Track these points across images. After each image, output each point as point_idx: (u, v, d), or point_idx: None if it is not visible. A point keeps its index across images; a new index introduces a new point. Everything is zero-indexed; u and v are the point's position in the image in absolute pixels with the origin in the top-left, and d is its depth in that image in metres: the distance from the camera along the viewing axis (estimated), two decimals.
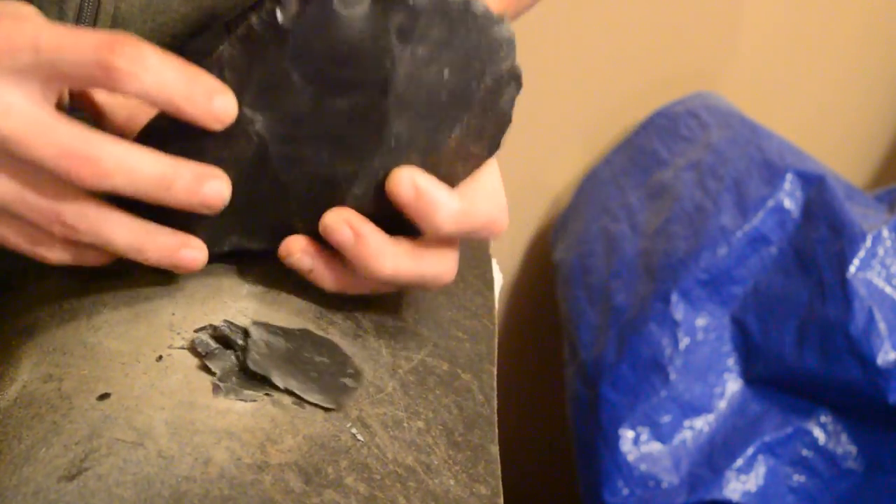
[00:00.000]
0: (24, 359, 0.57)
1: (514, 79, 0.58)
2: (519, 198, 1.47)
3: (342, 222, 0.57)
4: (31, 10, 0.55)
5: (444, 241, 0.59)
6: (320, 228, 0.58)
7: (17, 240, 0.56)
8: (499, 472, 0.61)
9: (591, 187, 1.46)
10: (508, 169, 1.17)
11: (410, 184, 0.57)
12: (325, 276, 0.59)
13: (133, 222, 0.55)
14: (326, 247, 0.59)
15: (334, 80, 0.55)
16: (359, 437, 0.55)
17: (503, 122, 0.59)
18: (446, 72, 0.56)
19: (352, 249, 0.57)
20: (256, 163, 0.57)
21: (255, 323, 0.57)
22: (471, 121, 0.58)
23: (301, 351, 0.57)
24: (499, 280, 0.73)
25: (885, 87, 1.63)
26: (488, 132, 0.59)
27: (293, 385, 0.55)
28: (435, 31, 0.55)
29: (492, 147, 0.60)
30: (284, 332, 0.57)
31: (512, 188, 1.15)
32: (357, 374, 0.58)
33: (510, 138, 0.79)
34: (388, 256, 0.57)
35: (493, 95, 0.58)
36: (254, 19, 0.54)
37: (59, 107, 0.55)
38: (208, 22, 0.65)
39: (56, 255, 0.56)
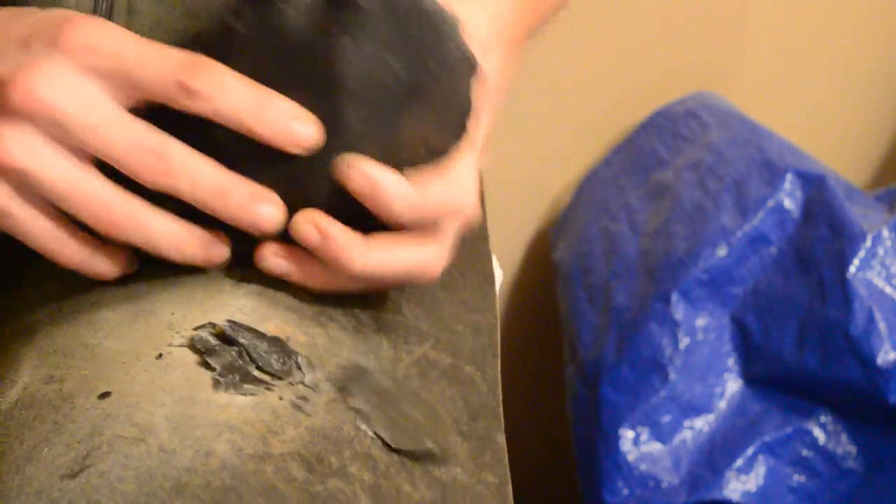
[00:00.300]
0: (25, 361, 0.58)
1: (468, 66, 0.59)
2: (519, 198, 1.47)
3: (308, 223, 0.58)
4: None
5: (421, 232, 0.59)
6: (290, 232, 0.59)
7: (36, 230, 0.57)
8: (506, 461, 0.61)
9: (591, 187, 1.46)
10: (509, 169, 1.17)
11: (358, 170, 0.57)
12: (303, 276, 0.60)
13: (174, 223, 0.57)
14: (301, 248, 0.60)
15: (287, 79, 0.56)
16: (362, 427, 0.55)
17: (463, 108, 0.60)
18: (397, 67, 0.57)
19: (321, 249, 0.58)
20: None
21: (364, 369, 0.58)
22: (427, 111, 0.58)
23: (401, 402, 0.58)
24: (499, 276, 0.73)
25: (885, 87, 1.63)
26: (449, 120, 0.60)
27: (380, 428, 0.56)
28: (384, 29, 0.56)
29: (457, 134, 0.60)
30: (394, 381, 0.59)
31: (512, 188, 1.14)
32: (444, 443, 0.59)
33: (510, 138, 0.79)
34: (356, 252, 0.58)
35: (449, 85, 0.58)
36: (212, 29, 0.56)
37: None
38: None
39: (68, 255, 0.58)
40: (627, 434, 1.30)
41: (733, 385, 1.27)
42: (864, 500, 1.23)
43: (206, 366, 0.55)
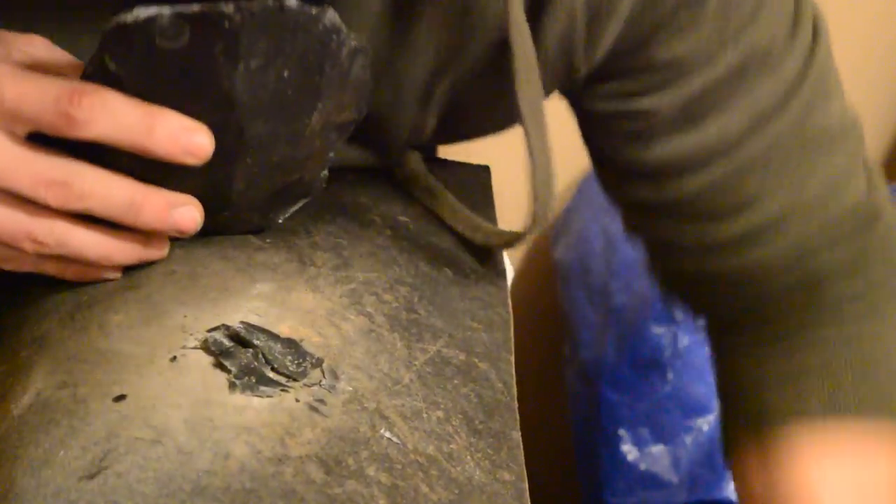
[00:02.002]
0: (37, 368, 0.58)
1: (359, 52, 0.59)
2: (519, 198, 1.46)
3: None
4: None
5: None
6: None
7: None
8: (522, 458, 0.61)
9: (591, 187, 1.46)
10: (509, 169, 1.17)
11: None
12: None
13: (98, 234, 0.59)
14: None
15: (180, 105, 0.56)
16: (378, 428, 0.55)
17: (361, 87, 0.61)
18: (286, 73, 0.57)
19: None
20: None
21: None
22: (326, 102, 0.60)
23: None
24: (509, 272, 0.74)
25: (885, 87, 1.63)
26: (349, 101, 0.61)
27: None
28: (261, 44, 0.56)
29: (360, 109, 0.62)
30: None
31: (512, 188, 1.14)
32: None
33: (510, 139, 0.79)
34: None
35: (341, 75, 0.59)
36: (88, 68, 0.56)
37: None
38: None
39: (29, 268, 0.60)
40: (627, 434, 1.30)
41: None
42: None
43: (222, 367, 0.55)
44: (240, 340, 0.56)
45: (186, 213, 0.59)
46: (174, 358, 0.56)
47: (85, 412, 0.53)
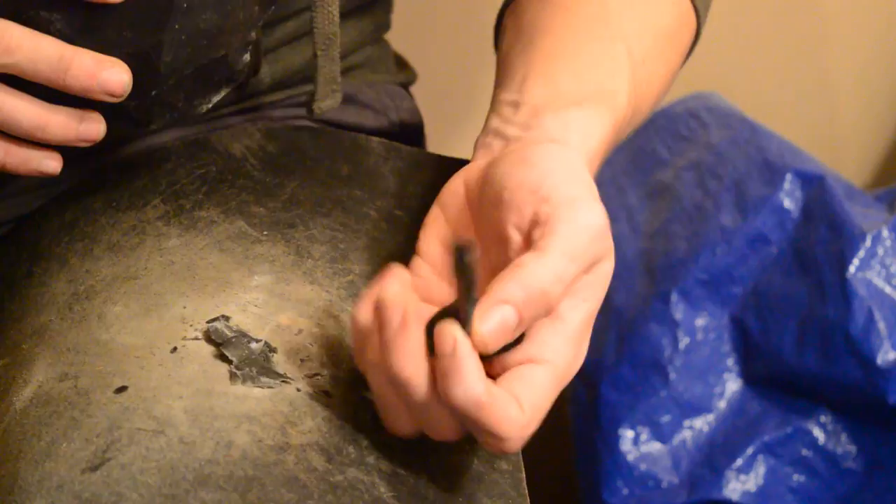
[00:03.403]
0: (38, 360, 0.58)
1: None
2: None
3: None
4: None
5: None
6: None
7: None
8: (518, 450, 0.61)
9: None
10: None
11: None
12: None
13: (34, 102, 0.58)
14: None
15: None
16: (378, 417, 0.55)
17: None
18: None
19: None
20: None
21: None
22: None
23: None
24: None
25: (885, 86, 1.63)
26: None
27: None
28: None
29: None
30: None
31: None
32: None
33: None
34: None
35: None
36: None
37: None
38: None
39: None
40: (627, 434, 1.30)
41: (733, 385, 1.27)
42: (864, 500, 1.23)
43: (222, 358, 0.55)
44: (241, 331, 0.56)
45: (115, 74, 0.58)
46: (175, 349, 0.56)
47: (86, 404, 0.54)
